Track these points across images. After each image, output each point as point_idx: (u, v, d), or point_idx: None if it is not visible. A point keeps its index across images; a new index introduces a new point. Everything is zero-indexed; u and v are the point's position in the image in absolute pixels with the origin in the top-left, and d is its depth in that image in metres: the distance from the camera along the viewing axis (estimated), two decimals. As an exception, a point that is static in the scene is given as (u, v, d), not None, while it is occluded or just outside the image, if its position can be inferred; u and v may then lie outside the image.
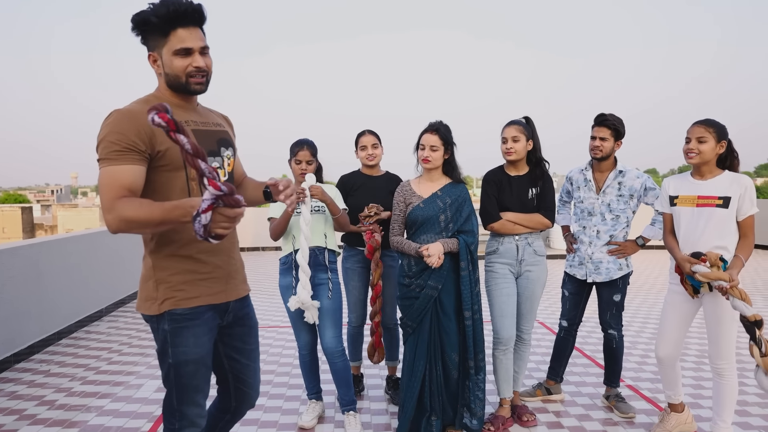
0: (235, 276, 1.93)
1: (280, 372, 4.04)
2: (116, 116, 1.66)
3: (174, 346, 1.78)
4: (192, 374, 1.81)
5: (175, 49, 1.72)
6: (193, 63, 1.74)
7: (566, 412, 3.34)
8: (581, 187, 3.35)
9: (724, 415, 2.71)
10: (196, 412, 1.85)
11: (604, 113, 3.21)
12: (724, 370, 2.69)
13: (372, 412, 3.34)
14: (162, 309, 1.76)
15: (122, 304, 6.33)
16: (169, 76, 1.76)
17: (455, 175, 2.97)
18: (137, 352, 4.58)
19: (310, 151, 3.06)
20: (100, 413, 3.33)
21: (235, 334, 1.98)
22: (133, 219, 1.57)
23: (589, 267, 3.28)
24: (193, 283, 1.78)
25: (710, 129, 2.62)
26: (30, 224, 31.89)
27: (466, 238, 2.86)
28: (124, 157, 1.63)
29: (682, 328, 2.84)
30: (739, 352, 4.42)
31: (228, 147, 1.92)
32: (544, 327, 5.25)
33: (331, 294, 3.01)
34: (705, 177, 2.68)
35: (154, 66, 1.78)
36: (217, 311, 1.87)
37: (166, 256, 1.76)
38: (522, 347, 3.21)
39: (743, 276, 2.63)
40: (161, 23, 1.69)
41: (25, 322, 4.43)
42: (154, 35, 1.73)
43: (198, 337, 1.79)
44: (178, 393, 1.82)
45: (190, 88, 1.78)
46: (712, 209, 2.60)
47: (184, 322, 1.77)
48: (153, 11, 1.69)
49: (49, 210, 51.66)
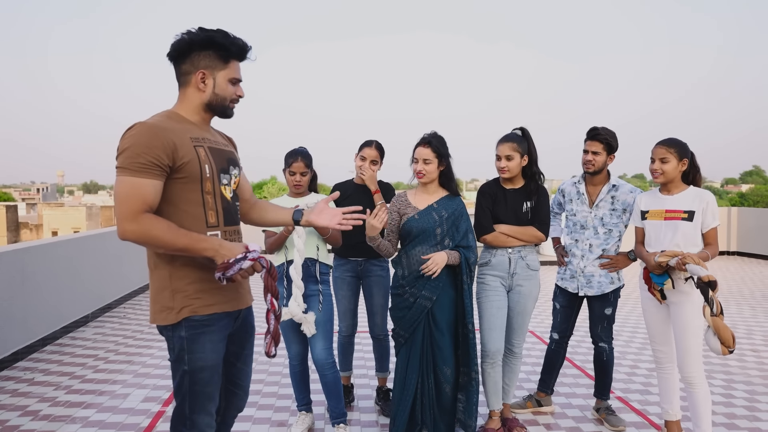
0: (244, 285, 2.03)
1: (270, 382, 4.00)
2: (141, 129, 1.73)
3: (191, 352, 1.83)
4: (207, 381, 1.85)
5: (232, 77, 1.93)
6: (238, 92, 1.96)
7: (557, 424, 3.33)
8: (574, 200, 3.35)
9: (703, 424, 2.77)
10: (207, 421, 1.88)
11: (597, 127, 3.21)
12: (694, 377, 2.76)
13: (362, 423, 3.32)
14: (180, 317, 1.81)
15: (108, 309, 6.24)
16: (218, 97, 1.92)
17: (452, 187, 2.95)
18: (124, 359, 4.52)
19: (304, 162, 3.04)
20: (85, 424, 3.26)
21: (237, 340, 2.04)
22: (158, 238, 1.70)
23: (581, 280, 3.28)
24: (209, 292, 1.85)
25: (671, 149, 2.80)
26: (15, 223, 31.44)
27: (465, 252, 2.84)
28: (147, 171, 1.71)
29: (667, 327, 2.91)
30: (727, 364, 4.47)
31: (235, 166, 2.04)
32: (534, 337, 5.26)
33: (322, 306, 2.99)
34: (672, 192, 2.87)
35: (200, 83, 1.90)
36: (230, 318, 1.95)
37: (183, 266, 1.82)
38: (513, 360, 3.20)
39: (730, 284, 2.66)
40: (231, 53, 1.90)
41: (9, 328, 4.35)
42: (214, 58, 1.88)
43: (214, 343, 1.86)
44: (191, 401, 1.85)
45: (229, 112, 1.98)
46: (678, 222, 2.79)
47: (202, 329, 1.83)
48: (228, 41, 1.87)
49: (35, 209, 50.99)
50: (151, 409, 3.48)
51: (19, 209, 35.79)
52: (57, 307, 5.12)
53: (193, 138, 1.85)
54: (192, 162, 1.80)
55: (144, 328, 5.51)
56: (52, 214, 38.60)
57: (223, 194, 1.91)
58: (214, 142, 1.96)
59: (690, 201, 2.79)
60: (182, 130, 1.83)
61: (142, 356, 4.60)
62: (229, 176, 1.97)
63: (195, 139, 1.85)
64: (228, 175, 1.96)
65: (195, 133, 1.88)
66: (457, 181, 3.02)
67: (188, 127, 1.87)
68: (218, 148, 1.96)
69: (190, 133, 1.85)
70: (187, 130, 1.86)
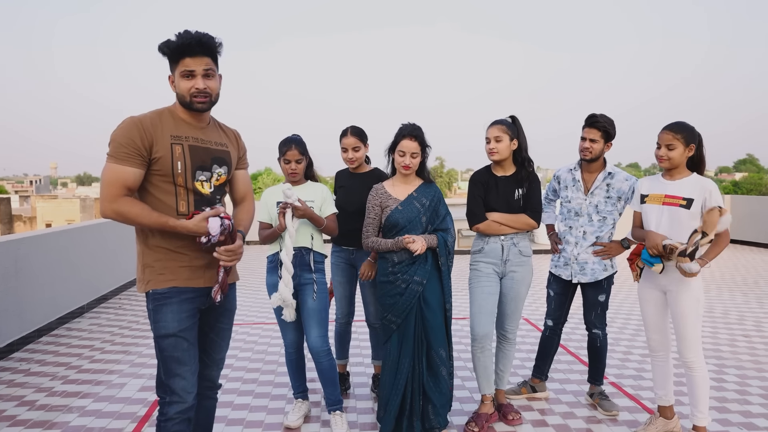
0: (214, 267, 2.15)
1: (266, 370, 4.02)
2: (127, 123, 2.00)
3: (156, 321, 2.08)
4: (173, 346, 2.06)
5: (181, 71, 2.04)
6: (195, 84, 2.04)
7: (551, 410, 3.37)
8: (569, 186, 3.36)
9: (701, 406, 2.81)
10: (182, 385, 2.08)
11: (595, 114, 3.21)
12: (694, 362, 2.79)
13: (358, 410, 3.34)
14: (147, 288, 2.08)
15: (104, 299, 6.24)
16: (178, 96, 2.08)
17: (426, 175, 3.02)
18: (120, 349, 4.52)
19: (298, 150, 3.03)
20: (82, 414, 3.28)
21: (213, 314, 2.25)
22: (131, 218, 1.98)
23: (575, 267, 3.30)
24: (172, 269, 2.08)
25: (678, 135, 2.73)
26: (8, 216, 31.25)
27: (444, 234, 2.93)
28: (129, 159, 1.97)
29: (663, 316, 2.92)
30: (718, 349, 4.52)
31: (222, 165, 2.18)
32: (529, 324, 5.29)
33: (316, 294, 3.00)
34: (674, 178, 2.82)
35: (172, 87, 2.10)
36: (198, 294, 2.12)
37: (153, 246, 2.08)
38: (507, 346, 3.22)
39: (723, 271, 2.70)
40: (172, 53, 2.03)
41: (4, 319, 4.35)
42: (170, 61, 2.06)
43: (175, 313, 2.06)
44: (164, 367, 2.08)
45: (194, 107, 2.07)
46: (676, 208, 2.75)
47: (163, 300, 2.06)
48: (167, 43, 2.02)
49: (28, 201, 50.66)
50: (148, 398, 3.50)
51: (12, 202, 35.56)
52: (52, 298, 5.11)
53: (174, 136, 2.05)
54: (164, 158, 2.02)
55: (140, 319, 5.51)
56: (46, 207, 38.39)
57: (197, 188, 2.10)
58: (202, 140, 2.12)
59: (691, 189, 2.73)
60: (166, 127, 2.05)
61: (138, 346, 4.61)
62: (210, 173, 2.13)
63: (175, 137, 2.05)
64: (208, 173, 2.13)
65: (179, 131, 2.07)
66: (452, 171, 3.06)
67: (175, 125, 2.08)
68: (203, 146, 2.12)
69: (173, 131, 2.06)
70: (172, 128, 2.06)
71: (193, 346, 2.12)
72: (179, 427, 2.09)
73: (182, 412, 2.08)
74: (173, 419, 2.08)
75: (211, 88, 2.07)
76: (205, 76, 2.05)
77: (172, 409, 2.07)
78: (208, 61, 2.05)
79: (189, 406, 2.10)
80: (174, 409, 2.07)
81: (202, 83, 2.04)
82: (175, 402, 2.08)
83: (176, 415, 2.08)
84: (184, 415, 2.09)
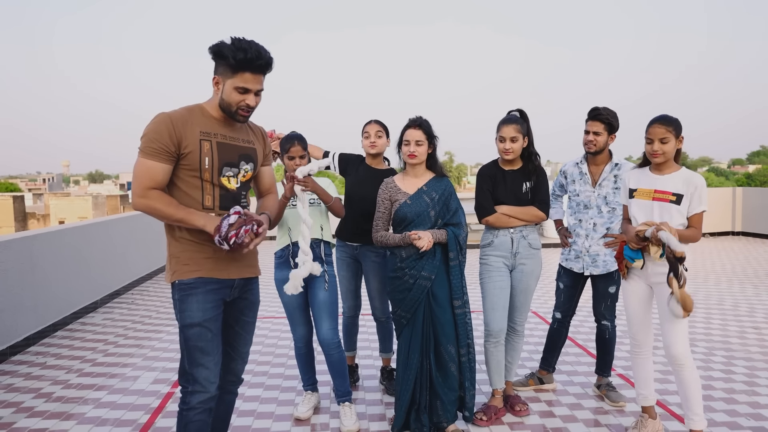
0: (240, 260, 2.20)
1: (276, 363, 4.07)
2: (158, 119, 2.03)
3: (181, 311, 2.10)
4: (197, 336, 2.09)
5: (238, 86, 2.05)
6: (246, 100, 2.08)
7: (558, 401, 3.39)
8: (576, 180, 3.37)
9: (695, 407, 2.70)
10: (205, 375, 2.10)
11: (598, 107, 3.22)
12: (683, 357, 2.67)
13: (367, 402, 3.38)
14: (173, 278, 2.12)
15: (117, 295, 6.33)
16: (224, 102, 2.09)
17: (438, 169, 3.00)
18: (133, 343, 4.60)
19: (301, 146, 3.07)
20: (97, 405, 3.35)
21: (237, 307, 2.27)
22: (159, 210, 2.02)
23: (586, 260, 3.31)
24: (197, 261, 2.11)
25: (670, 128, 2.67)
26: (22, 213, 31.64)
27: (454, 229, 2.90)
28: (158, 155, 2.01)
29: (647, 311, 2.86)
30: (728, 341, 4.50)
31: (249, 162, 2.22)
32: (537, 317, 5.31)
33: (328, 286, 3.04)
34: (663, 172, 2.75)
35: (215, 87, 2.10)
36: (222, 285, 2.15)
37: (179, 238, 2.12)
38: (516, 339, 3.25)
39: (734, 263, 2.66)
40: (236, 64, 2.01)
41: (21, 314, 4.44)
42: (225, 66, 2.05)
43: (201, 303, 2.09)
44: (189, 356, 2.11)
45: (236, 118, 2.13)
46: (666, 203, 2.70)
47: (188, 291, 2.09)
48: (233, 52, 1.99)
49: (41, 199, 51.25)
50: (161, 390, 3.56)
51: (25, 200, 36.02)
52: (66, 294, 5.20)
53: (204, 132, 2.09)
54: (193, 153, 2.05)
55: (152, 314, 5.60)
56: (59, 204, 38.81)
57: (224, 184, 2.13)
58: (230, 137, 2.16)
59: (680, 184, 2.69)
60: (196, 123, 2.07)
61: (151, 340, 4.69)
62: (237, 169, 2.18)
63: (205, 133, 2.09)
64: (235, 169, 2.17)
65: (209, 128, 2.10)
66: (461, 166, 3.07)
67: (205, 121, 2.10)
68: (231, 144, 2.16)
69: (202, 127, 2.09)
70: (202, 124, 2.09)
71: (217, 337, 2.14)
72: (201, 417, 2.11)
73: (204, 402, 2.11)
74: (195, 408, 2.10)
75: (256, 104, 2.12)
76: (257, 94, 2.10)
77: (195, 398, 2.10)
78: (262, 79, 2.09)
79: (211, 396, 2.12)
80: (196, 399, 2.10)
81: (254, 101, 2.10)
82: (198, 391, 2.10)
83: (198, 405, 2.10)
84: (206, 405, 2.11)
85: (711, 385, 3.61)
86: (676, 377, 2.72)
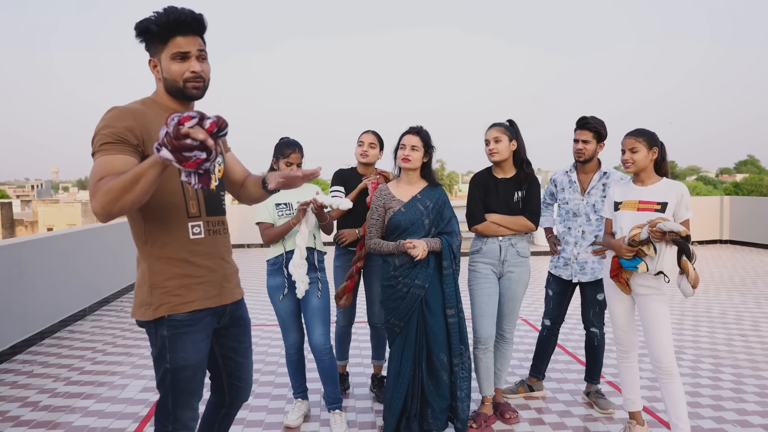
0: (230, 280, 1.96)
1: (266, 371, 4.06)
2: (113, 112, 1.71)
3: (173, 351, 1.79)
4: (190, 379, 1.83)
5: (172, 53, 1.75)
6: (191, 68, 1.77)
7: (548, 408, 3.41)
8: (566, 188, 3.41)
9: (682, 416, 2.70)
10: (190, 415, 1.88)
11: (586, 116, 3.28)
12: (671, 367, 2.69)
13: (357, 410, 3.38)
14: (157, 314, 1.77)
15: (106, 303, 6.28)
16: (168, 81, 1.79)
17: (432, 178, 3.03)
18: (121, 351, 4.57)
19: (300, 153, 3.11)
20: (84, 414, 3.32)
21: (231, 335, 2.02)
22: (112, 190, 1.52)
23: (575, 267, 3.34)
24: (188, 288, 1.80)
25: (640, 138, 2.77)
26: (10, 220, 31.35)
27: (448, 238, 2.92)
28: (116, 147, 1.65)
29: (631, 316, 2.89)
30: (715, 348, 4.54)
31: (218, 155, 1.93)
32: (527, 324, 5.33)
33: (321, 293, 3.06)
34: (645, 183, 2.82)
35: (154, 71, 1.83)
36: (215, 314, 1.90)
37: (160, 259, 1.78)
38: (505, 346, 3.26)
39: (722, 271, 2.71)
40: (161, 31, 1.74)
41: (7, 322, 4.39)
42: (154, 42, 1.77)
43: (197, 342, 1.82)
44: (174, 397, 1.83)
45: (188, 93, 1.80)
46: (651, 213, 2.74)
47: (183, 328, 1.79)
48: (154, 20, 1.73)
49: (30, 205, 50.78)
50: (150, 398, 3.54)
51: (13, 206, 35.68)
52: (54, 301, 5.16)
53: None
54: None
55: (141, 321, 5.56)
56: (48, 211, 38.50)
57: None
58: None
59: (664, 192, 2.76)
60: (157, 119, 1.76)
61: (140, 348, 4.65)
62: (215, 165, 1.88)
63: None
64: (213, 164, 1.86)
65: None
66: (453, 174, 3.09)
67: (164, 114, 1.76)
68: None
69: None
70: (163, 120, 1.67)
71: (205, 373, 1.93)
72: None
73: None
74: None
75: (205, 71, 1.81)
76: (199, 58, 1.79)
77: None
78: (200, 41, 1.79)
79: None
80: None
81: (198, 66, 1.78)
82: (178, 430, 1.86)
83: None
84: None
85: (698, 392, 3.65)
86: (664, 387, 2.74)
